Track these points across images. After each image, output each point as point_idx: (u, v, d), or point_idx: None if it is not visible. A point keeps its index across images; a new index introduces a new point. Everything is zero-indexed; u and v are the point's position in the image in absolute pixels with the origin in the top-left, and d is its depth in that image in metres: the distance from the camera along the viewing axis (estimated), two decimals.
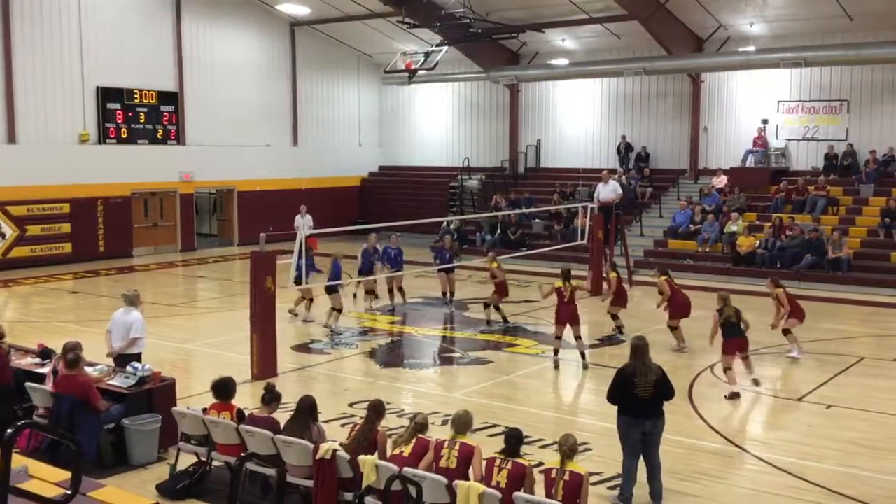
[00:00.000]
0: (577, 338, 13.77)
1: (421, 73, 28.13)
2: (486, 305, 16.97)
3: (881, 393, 12.15)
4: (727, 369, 12.29)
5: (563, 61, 28.43)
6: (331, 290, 16.16)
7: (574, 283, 13.87)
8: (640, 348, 8.50)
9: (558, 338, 13.87)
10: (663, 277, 15.05)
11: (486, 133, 32.15)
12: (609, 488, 8.67)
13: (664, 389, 8.36)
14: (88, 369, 9.70)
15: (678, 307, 14.86)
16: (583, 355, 13.79)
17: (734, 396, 12.00)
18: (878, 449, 9.94)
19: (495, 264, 17.02)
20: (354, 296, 19.12)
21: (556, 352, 13.92)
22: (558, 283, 13.81)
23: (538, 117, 30.87)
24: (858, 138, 24.66)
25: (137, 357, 10.70)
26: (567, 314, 13.69)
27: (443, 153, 33.07)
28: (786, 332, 14.17)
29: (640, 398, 8.25)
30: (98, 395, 9.15)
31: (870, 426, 10.78)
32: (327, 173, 32.08)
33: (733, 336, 12.31)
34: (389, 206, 30.47)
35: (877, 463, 9.51)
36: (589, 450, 9.69)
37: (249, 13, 29.65)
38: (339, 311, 16.22)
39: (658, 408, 8.35)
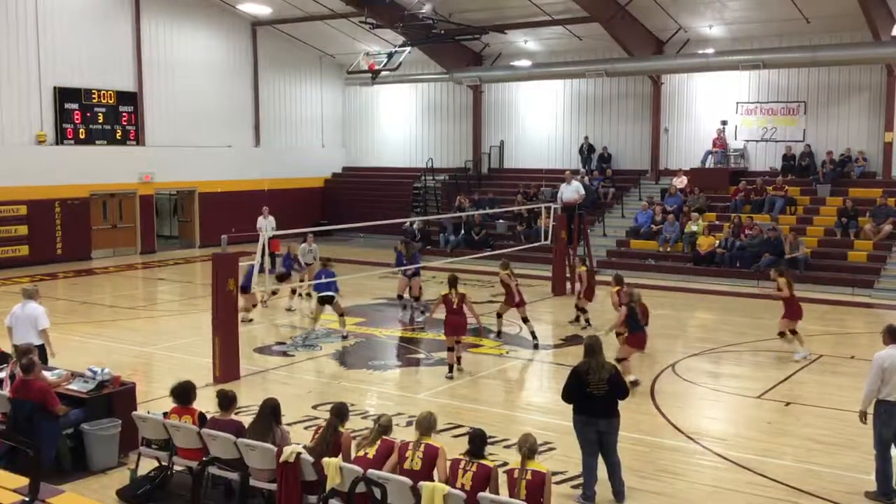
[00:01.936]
0: (458, 341, 13.18)
1: (384, 73, 28.15)
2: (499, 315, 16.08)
3: (839, 390, 12.35)
4: (623, 359, 12.08)
5: (525, 62, 28.56)
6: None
7: (461, 290, 13.29)
8: (592, 347, 8.57)
9: (450, 349, 13.07)
10: (616, 288, 14.52)
11: (449, 134, 32.19)
12: (573, 487, 8.72)
13: (617, 388, 8.42)
14: (46, 373, 9.55)
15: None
16: (458, 360, 13.17)
17: (635, 384, 12.00)
18: (836, 445, 10.11)
19: (507, 272, 15.76)
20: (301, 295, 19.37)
21: (450, 367, 13.04)
22: (444, 291, 13.31)
23: (501, 118, 30.98)
24: (815, 139, 25.09)
25: (41, 348, 10.68)
26: (454, 324, 13.01)
27: (406, 154, 33.07)
28: (781, 334, 14.10)
29: (593, 396, 8.32)
30: (56, 399, 9.00)
31: (828, 423, 10.96)
32: (290, 174, 31.90)
33: (638, 330, 12.47)
34: (353, 207, 30.38)
35: (834, 459, 9.67)
36: (552, 449, 9.76)
37: (210, 13, 29.38)
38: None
39: (612, 406, 8.42)
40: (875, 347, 9.04)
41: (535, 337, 15.16)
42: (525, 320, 15.38)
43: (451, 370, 13.05)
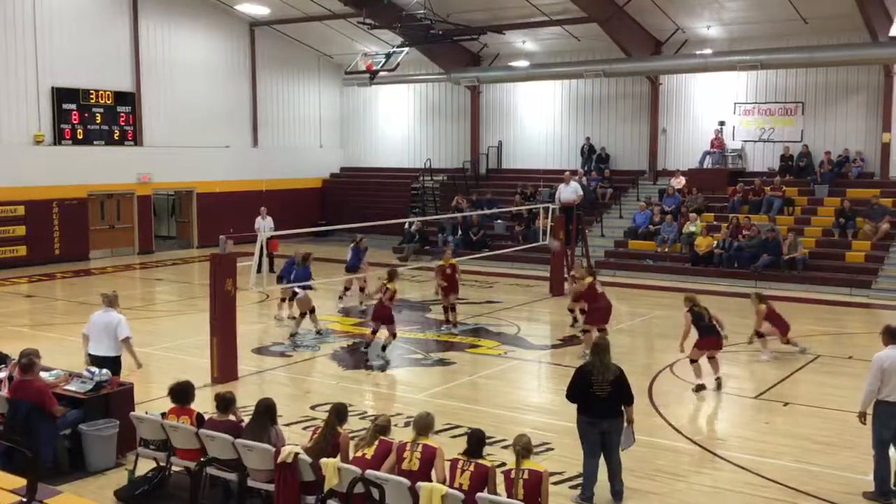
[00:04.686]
0: (375, 331, 14.69)
1: (382, 74, 28.15)
2: (445, 308, 16.90)
3: (836, 390, 12.36)
4: (694, 361, 12.41)
5: (523, 63, 28.56)
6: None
7: (395, 284, 14.65)
8: (600, 347, 8.55)
9: (376, 331, 14.69)
10: (589, 279, 14.77)
11: (447, 134, 32.19)
12: (571, 487, 8.71)
13: (621, 390, 8.40)
14: (44, 374, 9.53)
15: (597, 313, 14.51)
16: (384, 348, 14.45)
17: (700, 388, 12.26)
18: (833, 445, 10.12)
19: (453, 261, 17.03)
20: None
21: (367, 344, 14.73)
22: (389, 284, 14.59)
23: (499, 119, 30.97)
24: (813, 140, 25.10)
25: (116, 360, 10.44)
26: (385, 313, 14.48)
27: (404, 154, 33.06)
28: (760, 335, 14.28)
29: (597, 397, 8.30)
30: (54, 399, 8.99)
31: (825, 423, 10.97)
32: (288, 175, 31.89)
33: (709, 335, 12.42)
34: (351, 208, 30.37)
35: (831, 459, 9.68)
36: (551, 449, 9.75)
37: (208, 13, 29.36)
38: (312, 311, 15.90)
39: (616, 408, 8.40)
40: (873, 347, 9.04)
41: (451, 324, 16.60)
42: (453, 308, 16.84)
43: (367, 346, 14.69)
